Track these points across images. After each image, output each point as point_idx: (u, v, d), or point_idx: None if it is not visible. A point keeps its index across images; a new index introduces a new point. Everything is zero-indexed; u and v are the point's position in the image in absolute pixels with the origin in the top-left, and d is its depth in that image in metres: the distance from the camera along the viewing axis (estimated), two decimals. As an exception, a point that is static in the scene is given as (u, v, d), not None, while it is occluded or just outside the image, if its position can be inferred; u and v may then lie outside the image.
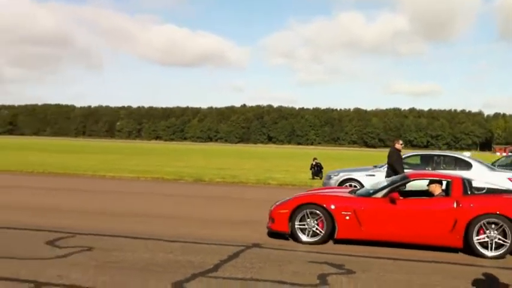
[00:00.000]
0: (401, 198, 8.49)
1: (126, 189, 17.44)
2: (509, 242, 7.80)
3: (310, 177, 24.64)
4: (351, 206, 8.41)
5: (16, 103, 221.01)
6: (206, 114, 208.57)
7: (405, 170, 12.34)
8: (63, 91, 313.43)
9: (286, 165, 37.83)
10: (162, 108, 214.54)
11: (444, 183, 8.85)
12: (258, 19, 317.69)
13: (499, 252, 7.85)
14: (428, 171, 13.06)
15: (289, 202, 8.81)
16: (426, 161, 14.69)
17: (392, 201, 8.31)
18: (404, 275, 6.82)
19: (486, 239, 7.89)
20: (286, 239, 8.75)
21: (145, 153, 60.49)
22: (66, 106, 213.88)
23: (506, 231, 7.81)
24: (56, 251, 7.51)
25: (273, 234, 8.98)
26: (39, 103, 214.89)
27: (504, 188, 9.41)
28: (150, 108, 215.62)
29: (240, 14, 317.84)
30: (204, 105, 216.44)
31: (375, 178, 13.14)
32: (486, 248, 7.90)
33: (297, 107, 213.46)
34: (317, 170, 25.18)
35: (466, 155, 15.00)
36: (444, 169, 13.58)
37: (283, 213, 8.66)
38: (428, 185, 8.92)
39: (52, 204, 12.88)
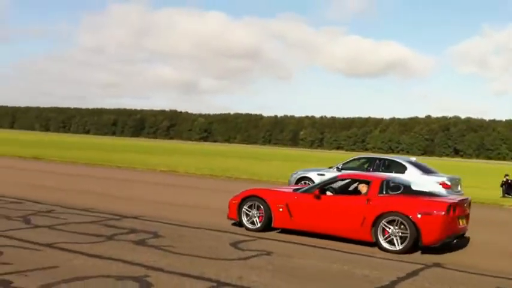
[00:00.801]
0: (328, 195, 9.81)
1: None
2: (408, 233, 8.54)
3: (501, 194, 22.62)
4: (284, 200, 9.79)
5: (210, 112, 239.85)
6: (388, 125, 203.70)
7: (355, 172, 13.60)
8: (252, 101, 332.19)
9: (474, 181, 35.22)
10: (343, 118, 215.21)
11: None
12: (446, 27, 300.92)
13: (404, 245, 8.59)
14: (358, 172, 13.72)
15: (239, 194, 10.38)
16: (369, 163, 16.11)
17: (317, 197, 9.53)
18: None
19: (391, 235, 8.73)
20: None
21: (324, 160, 61.14)
22: (255, 115, 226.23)
23: (406, 225, 8.58)
24: (238, 253, 8.04)
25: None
26: (231, 112, 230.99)
27: (428, 191, 9.92)
28: (332, 118, 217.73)
29: (425, 23, 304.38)
30: (386, 116, 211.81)
31: (325, 177, 14.24)
32: (393, 243, 8.70)
33: (486, 118, 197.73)
34: (508, 187, 23.00)
35: (411, 159, 16.22)
36: (382, 171, 14.71)
37: (234, 203, 10.30)
38: (357, 185, 9.92)
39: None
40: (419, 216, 8.52)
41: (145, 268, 6.77)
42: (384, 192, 9.13)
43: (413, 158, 16.76)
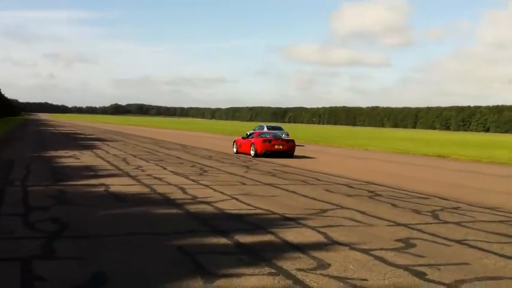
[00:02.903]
0: (248, 139, 27.50)
1: None
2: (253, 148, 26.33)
3: None
4: (238, 142, 28.15)
5: None
6: None
7: None
8: None
9: None
10: None
11: None
12: None
13: (253, 153, 25.98)
14: (256, 130, 34.11)
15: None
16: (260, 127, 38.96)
17: (244, 139, 28.15)
18: None
19: (252, 150, 26.51)
20: None
21: None
22: None
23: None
24: None
25: None
26: None
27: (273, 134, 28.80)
28: None
29: None
30: None
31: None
32: (251, 152, 26.58)
33: None
34: None
35: (270, 125, 38.05)
36: (260, 129, 36.68)
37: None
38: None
39: None
40: (254, 141, 25.43)
41: None
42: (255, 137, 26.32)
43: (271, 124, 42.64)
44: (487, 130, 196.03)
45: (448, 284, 5.74)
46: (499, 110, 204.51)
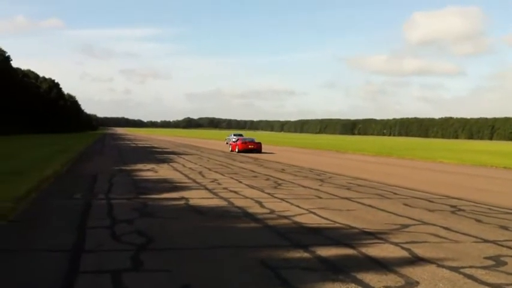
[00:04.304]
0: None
1: None
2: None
3: None
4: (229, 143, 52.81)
5: None
6: None
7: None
8: None
9: None
10: None
11: None
12: None
13: (237, 150, 44.80)
14: (239, 137, 58.59)
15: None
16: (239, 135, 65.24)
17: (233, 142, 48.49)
18: None
19: (234, 149, 46.23)
20: None
21: None
22: None
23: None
24: None
25: None
26: None
27: (245, 139, 50.85)
28: None
29: None
30: None
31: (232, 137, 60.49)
32: (233, 150, 47.08)
33: None
34: None
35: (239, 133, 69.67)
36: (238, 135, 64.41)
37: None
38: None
39: None
40: (238, 144, 44.42)
41: None
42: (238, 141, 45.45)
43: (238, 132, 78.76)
44: None
45: (548, 306, 5.42)
46: None
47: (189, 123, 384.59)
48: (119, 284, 5.97)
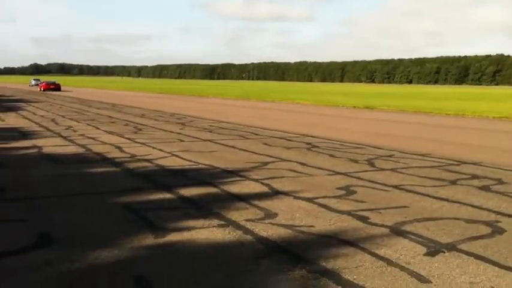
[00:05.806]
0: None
1: None
2: None
3: None
4: None
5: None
6: None
7: None
8: None
9: None
10: None
11: None
12: None
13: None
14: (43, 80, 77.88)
15: None
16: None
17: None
18: None
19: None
20: None
21: None
22: None
23: None
24: None
25: None
26: None
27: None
28: None
29: None
30: None
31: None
32: None
33: None
34: None
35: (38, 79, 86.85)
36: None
37: None
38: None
39: None
40: (42, 85, 65.14)
41: (494, 213, 6.65)
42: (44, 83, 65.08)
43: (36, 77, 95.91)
44: (410, 82, 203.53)
45: (390, 226, 6.02)
46: (420, 62, 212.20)
47: (36, 70, 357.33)
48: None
